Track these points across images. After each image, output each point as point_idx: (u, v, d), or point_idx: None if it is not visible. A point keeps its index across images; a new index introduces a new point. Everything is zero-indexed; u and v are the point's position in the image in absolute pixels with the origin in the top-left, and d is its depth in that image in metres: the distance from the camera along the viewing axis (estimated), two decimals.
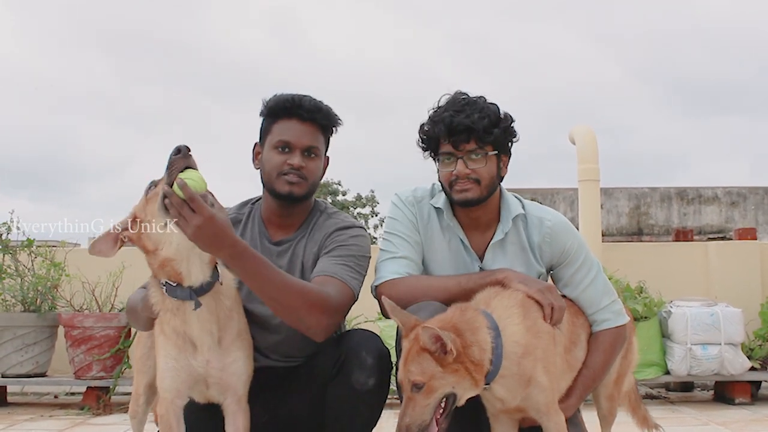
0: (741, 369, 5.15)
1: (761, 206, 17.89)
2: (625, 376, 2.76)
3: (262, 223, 2.63)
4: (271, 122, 2.56)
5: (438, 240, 2.63)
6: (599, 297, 2.61)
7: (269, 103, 2.56)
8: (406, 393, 2.11)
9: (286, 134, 2.51)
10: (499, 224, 2.61)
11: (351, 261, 2.47)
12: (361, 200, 27.59)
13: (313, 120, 2.53)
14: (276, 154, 2.51)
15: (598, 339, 2.59)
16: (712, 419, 4.65)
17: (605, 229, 16.06)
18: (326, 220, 2.60)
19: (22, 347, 5.13)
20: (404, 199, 2.66)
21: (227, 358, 2.31)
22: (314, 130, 2.54)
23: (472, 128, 2.42)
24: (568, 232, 2.62)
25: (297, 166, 2.49)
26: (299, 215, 2.61)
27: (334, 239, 2.52)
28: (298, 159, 2.49)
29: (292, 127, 2.52)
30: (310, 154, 2.53)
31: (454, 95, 2.55)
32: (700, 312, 5.15)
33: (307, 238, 2.57)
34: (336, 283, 2.38)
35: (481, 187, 2.49)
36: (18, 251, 5.40)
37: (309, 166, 2.52)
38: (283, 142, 2.51)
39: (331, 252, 2.49)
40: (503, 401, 2.29)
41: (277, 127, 2.53)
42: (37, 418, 4.86)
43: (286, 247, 2.57)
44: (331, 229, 2.55)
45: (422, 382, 2.08)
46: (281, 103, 2.54)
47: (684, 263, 6.16)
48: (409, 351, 2.12)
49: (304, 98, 2.54)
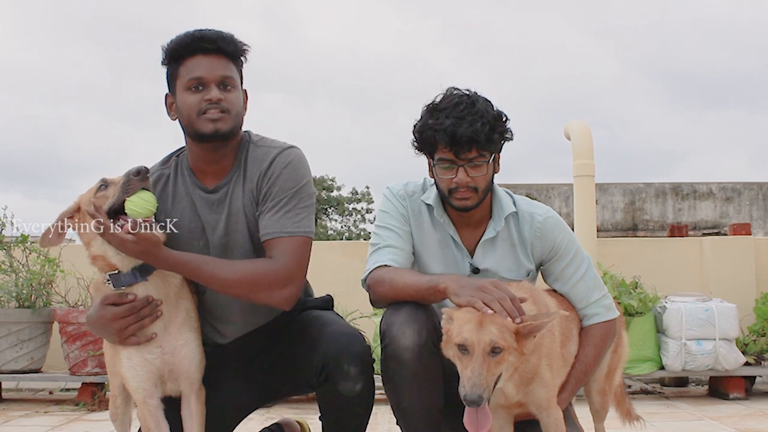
0: (735, 364, 5.17)
1: (756, 202, 17.93)
2: (616, 371, 2.77)
3: (192, 174, 2.49)
4: (177, 65, 2.41)
5: (429, 235, 2.63)
6: (589, 292, 2.62)
7: (169, 46, 2.42)
8: (478, 354, 2.07)
9: (195, 71, 2.36)
10: (491, 222, 2.60)
11: (291, 203, 2.37)
12: (356, 196, 27.52)
13: (219, 50, 2.39)
14: (190, 95, 2.36)
15: (589, 333, 2.60)
16: (706, 414, 4.66)
17: (600, 225, 16.08)
18: (254, 150, 2.46)
19: (16, 343, 5.12)
20: (395, 192, 2.66)
21: (178, 341, 2.31)
22: (223, 60, 2.40)
23: (475, 138, 2.40)
24: (558, 228, 2.62)
25: (216, 99, 2.34)
26: (228, 156, 2.45)
27: (268, 177, 2.40)
28: (215, 92, 2.35)
29: (200, 63, 2.37)
30: (226, 86, 2.38)
31: (451, 95, 2.49)
32: (694, 307, 5.17)
33: (242, 177, 2.44)
34: (284, 244, 2.32)
35: (479, 194, 2.50)
36: (12, 247, 5.38)
37: (228, 98, 2.37)
38: (194, 80, 2.36)
39: (269, 198, 2.38)
40: (507, 395, 2.31)
41: (184, 68, 2.39)
42: (32, 414, 4.85)
43: (223, 194, 2.44)
44: (263, 163, 2.41)
45: (502, 347, 2.08)
46: (181, 41, 2.40)
47: (679, 259, 6.17)
48: (487, 316, 2.10)
49: (203, 30, 2.41)
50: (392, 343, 2.31)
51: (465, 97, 2.48)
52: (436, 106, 2.49)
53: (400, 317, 2.33)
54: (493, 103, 2.51)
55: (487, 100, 2.50)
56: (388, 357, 2.34)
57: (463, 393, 2.03)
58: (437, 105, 2.49)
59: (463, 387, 2.04)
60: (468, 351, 2.09)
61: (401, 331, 2.30)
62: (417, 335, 2.29)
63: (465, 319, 2.13)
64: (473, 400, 2.01)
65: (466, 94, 2.49)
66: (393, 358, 2.32)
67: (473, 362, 2.06)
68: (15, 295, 5.21)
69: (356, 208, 27.34)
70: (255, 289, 2.30)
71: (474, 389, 2.02)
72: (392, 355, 2.32)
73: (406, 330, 2.30)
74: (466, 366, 2.08)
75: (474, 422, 2.08)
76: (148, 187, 2.22)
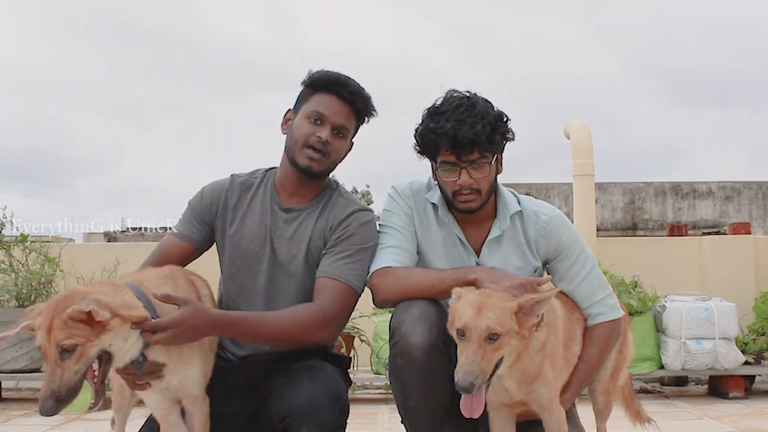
0: (735, 363, 5.17)
1: (755, 201, 17.93)
2: (621, 371, 2.77)
3: (274, 189, 2.64)
4: (311, 92, 2.57)
5: (434, 233, 2.63)
6: (594, 291, 2.62)
7: (315, 74, 2.59)
8: (474, 340, 2.10)
9: (322, 107, 2.53)
10: (496, 221, 2.61)
11: (356, 256, 2.50)
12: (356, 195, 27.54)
13: (352, 102, 2.56)
14: (307, 124, 2.53)
15: (593, 333, 2.60)
16: (706, 413, 4.67)
17: (600, 224, 16.08)
18: (338, 197, 2.62)
19: (16, 343, 5.11)
20: (401, 191, 2.66)
21: (181, 372, 2.26)
22: (350, 111, 2.57)
23: (477, 140, 2.41)
24: (563, 226, 2.63)
25: (324, 139, 2.50)
26: (313, 189, 2.62)
27: (344, 227, 2.54)
28: (326, 133, 2.51)
29: (330, 102, 2.54)
30: (339, 133, 2.55)
31: (450, 98, 2.50)
32: (694, 306, 5.17)
33: (319, 212, 2.58)
34: (335, 288, 2.43)
35: (483, 195, 2.51)
36: (12, 246, 5.38)
37: (335, 143, 2.54)
38: (317, 113, 2.53)
39: (338, 244, 2.51)
40: (510, 394, 2.32)
41: (316, 99, 2.55)
42: (32, 414, 4.85)
43: (295, 215, 2.58)
44: (344, 212, 2.57)
45: (499, 333, 2.10)
46: (327, 76, 2.57)
47: (678, 258, 6.18)
48: (488, 299, 2.14)
49: (350, 79, 2.58)
50: (402, 340, 2.32)
51: (465, 99, 2.49)
52: (437, 109, 2.50)
53: (411, 315, 2.33)
54: (493, 103, 2.52)
55: (487, 101, 2.51)
56: (397, 354, 2.35)
57: (456, 379, 2.07)
58: (437, 108, 2.50)
59: (456, 374, 2.08)
60: (466, 337, 2.12)
61: (412, 328, 2.31)
62: (428, 333, 2.30)
63: (468, 301, 2.16)
64: (464, 387, 2.06)
65: (466, 96, 2.50)
66: (402, 356, 2.33)
67: (468, 349, 2.10)
68: (15, 294, 5.21)
69: None
70: (303, 333, 2.38)
71: (465, 376, 2.06)
72: (401, 352, 2.33)
73: (416, 328, 2.31)
74: (462, 352, 2.11)
75: (468, 407, 2.14)
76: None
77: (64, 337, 1.93)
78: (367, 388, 5.49)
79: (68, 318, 1.93)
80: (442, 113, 2.47)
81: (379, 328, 5.09)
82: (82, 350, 1.95)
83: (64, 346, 1.93)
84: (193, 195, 2.68)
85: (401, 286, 2.43)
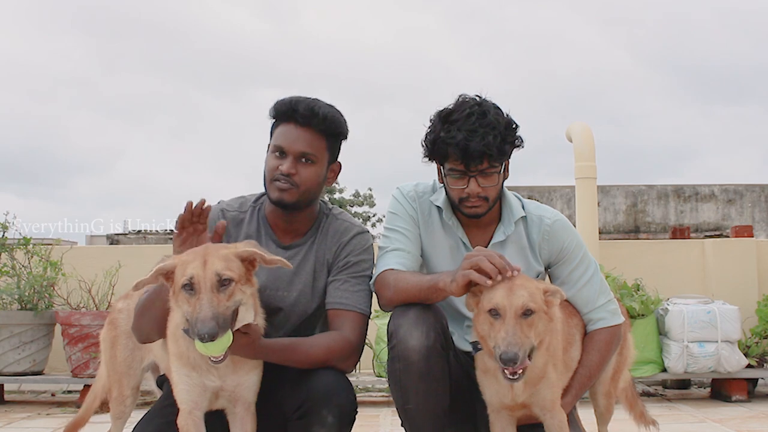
0: (738, 366, 5.17)
1: (758, 204, 17.93)
2: (622, 373, 2.78)
3: (268, 226, 2.60)
4: (275, 125, 2.54)
5: (438, 236, 2.64)
6: (595, 296, 2.62)
7: (276, 104, 2.54)
8: (510, 316, 2.13)
9: (281, 138, 2.49)
10: (501, 225, 2.62)
11: (364, 282, 2.54)
12: (358, 198, 27.42)
13: (309, 125, 2.48)
14: (272, 158, 2.50)
15: (593, 338, 2.60)
16: (708, 416, 4.66)
17: (602, 227, 16.07)
18: (334, 221, 2.62)
19: (19, 345, 5.13)
20: (406, 193, 2.67)
21: (241, 376, 2.29)
22: (311, 135, 2.48)
23: (488, 152, 2.41)
24: (566, 231, 2.63)
25: (286, 171, 2.45)
26: (304, 222, 2.60)
27: (348, 252, 2.56)
28: (287, 165, 2.46)
29: (288, 132, 2.49)
30: (306, 161, 2.48)
31: (462, 105, 2.49)
32: (696, 309, 5.16)
33: (317, 243, 2.59)
34: (354, 319, 2.48)
35: (489, 202, 2.53)
36: (14, 249, 5.39)
37: (302, 173, 2.47)
38: (276, 146, 2.49)
39: (345, 271, 2.54)
40: (515, 394, 2.32)
41: (278, 131, 2.52)
42: (34, 416, 4.86)
43: (296, 251, 2.57)
44: (345, 236, 2.58)
45: (533, 310, 2.15)
46: (281, 106, 2.52)
47: (681, 261, 6.17)
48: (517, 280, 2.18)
49: (301, 102, 2.49)
50: (400, 344, 2.33)
51: (476, 106, 2.47)
52: (447, 117, 2.49)
53: (408, 319, 2.34)
54: (502, 109, 2.52)
55: (498, 108, 2.51)
56: (395, 358, 2.35)
57: (499, 352, 2.09)
58: (448, 116, 2.49)
59: (499, 347, 2.10)
60: (500, 315, 2.14)
61: (409, 332, 2.32)
62: (425, 337, 2.31)
63: (494, 287, 2.18)
64: (510, 358, 2.07)
65: (477, 103, 2.49)
66: (400, 359, 2.33)
67: (506, 324, 2.12)
68: (17, 297, 5.22)
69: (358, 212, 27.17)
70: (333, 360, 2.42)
71: (510, 347, 2.08)
72: (399, 356, 2.33)
73: (414, 331, 2.32)
74: (498, 330, 2.13)
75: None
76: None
77: (223, 267, 2.07)
78: (369, 390, 5.49)
79: (233, 254, 2.12)
80: (453, 122, 2.46)
81: (381, 331, 5.09)
82: (233, 288, 2.09)
83: (223, 276, 2.07)
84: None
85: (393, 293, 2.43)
